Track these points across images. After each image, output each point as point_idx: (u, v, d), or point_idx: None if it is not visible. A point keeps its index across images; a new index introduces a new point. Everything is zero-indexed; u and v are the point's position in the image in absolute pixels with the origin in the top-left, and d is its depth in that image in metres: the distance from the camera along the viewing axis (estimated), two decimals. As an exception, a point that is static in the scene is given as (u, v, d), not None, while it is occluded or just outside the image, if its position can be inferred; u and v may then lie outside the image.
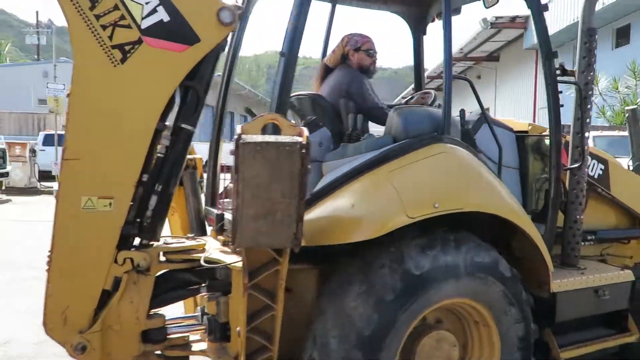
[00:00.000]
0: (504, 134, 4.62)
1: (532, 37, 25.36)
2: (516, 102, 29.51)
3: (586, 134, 4.41)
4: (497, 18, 26.11)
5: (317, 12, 5.03)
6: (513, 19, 26.12)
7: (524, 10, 19.45)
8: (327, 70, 4.50)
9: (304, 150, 2.85)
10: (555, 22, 22.66)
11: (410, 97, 5.00)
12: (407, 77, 45.96)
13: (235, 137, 2.81)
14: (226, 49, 4.27)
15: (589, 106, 4.42)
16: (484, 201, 3.59)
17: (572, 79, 4.40)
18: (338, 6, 5.00)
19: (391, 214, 3.29)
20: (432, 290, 3.29)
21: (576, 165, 4.38)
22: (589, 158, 4.74)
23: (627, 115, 5.56)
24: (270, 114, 3.06)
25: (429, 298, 3.32)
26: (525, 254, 3.97)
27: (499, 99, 31.98)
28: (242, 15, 4.18)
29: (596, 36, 4.37)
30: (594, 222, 4.90)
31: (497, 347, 3.62)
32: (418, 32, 5.28)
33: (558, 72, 4.28)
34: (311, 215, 3.46)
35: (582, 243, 4.68)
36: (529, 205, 4.57)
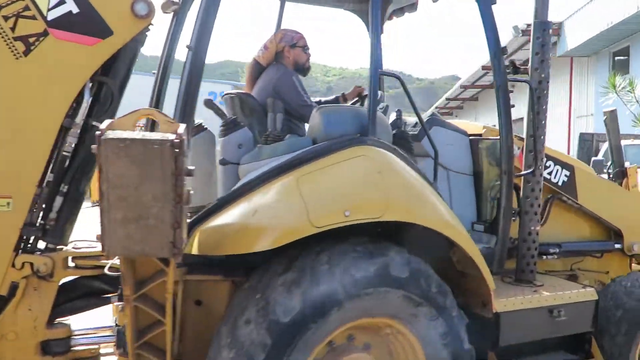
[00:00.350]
0: (457, 138, 4.30)
1: (565, 44, 24.64)
2: (551, 111, 28.62)
3: (541, 137, 4.03)
4: (528, 25, 25.31)
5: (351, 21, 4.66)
6: (546, 25, 25.35)
7: (557, 17, 18.67)
8: (259, 69, 4.21)
9: (177, 149, 2.58)
10: (588, 27, 21.94)
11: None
12: (443, 87, 45.50)
13: (97, 132, 2.56)
14: (164, 45, 4.05)
15: (544, 107, 4.05)
16: (407, 210, 3.25)
17: (524, 77, 4.05)
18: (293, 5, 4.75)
19: (294, 222, 2.98)
20: (309, 332, 2.89)
21: (529, 171, 4.02)
22: (552, 164, 4.39)
23: (605, 117, 5.15)
24: (146, 109, 2.80)
25: (309, 341, 2.92)
26: (465, 269, 3.63)
27: (533, 108, 31.15)
28: (177, 11, 3.96)
29: (550, 30, 4.02)
30: (559, 233, 4.53)
31: (419, 350, 3.25)
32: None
33: (508, 70, 3.93)
34: (215, 222, 3.21)
35: (544, 257, 4.32)
36: (484, 214, 4.23)
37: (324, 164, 3.20)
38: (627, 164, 5.14)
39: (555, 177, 4.41)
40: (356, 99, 4.59)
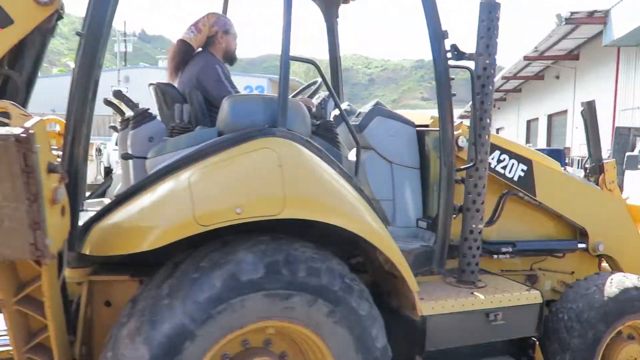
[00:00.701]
0: (402, 129, 4.04)
1: (612, 33, 23.75)
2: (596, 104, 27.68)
3: (485, 128, 3.74)
4: (572, 13, 24.61)
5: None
6: (591, 13, 24.52)
7: (603, 4, 17.92)
8: (189, 52, 3.95)
9: (27, 145, 2.42)
10: (637, 15, 21.00)
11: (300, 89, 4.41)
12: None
13: None
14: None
15: (488, 95, 3.75)
16: (310, 206, 3.00)
17: (469, 63, 3.75)
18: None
19: (177, 221, 2.78)
20: None
21: (470, 164, 3.74)
22: (507, 157, 4.10)
23: (582, 109, 4.79)
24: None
25: None
26: (392, 270, 3.38)
27: (578, 101, 30.20)
28: None
29: (498, 13, 3.69)
30: (517, 231, 4.26)
31: (313, 336, 2.98)
32: (330, 16, 4.73)
33: (449, 55, 3.64)
34: (108, 220, 3.02)
35: (494, 256, 4.05)
36: (430, 210, 3.97)
37: (223, 158, 2.98)
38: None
39: (510, 172, 4.11)
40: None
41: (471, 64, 3.74)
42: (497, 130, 50.33)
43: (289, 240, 2.98)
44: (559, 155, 22.90)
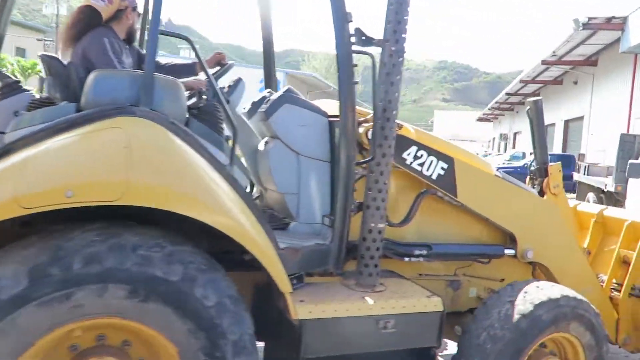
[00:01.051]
0: (312, 119, 3.73)
1: (629, 40, 23.12)
2: (610, 110, 27.10)
3: (389, 120, 3.43)
4: (590, 18, 24.04)
5: None
6: (609, 19, 23.91)
7: (621, 11, 17.36)
8: (96, 20, 3.58)
9: None
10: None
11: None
12: (511, 82, 44.16)
13: None
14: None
15: (393, 85, 3.44)
16: (157, 194, 2.67)
17: (376, 50, 3.45)
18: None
19: None
20: None
21: (368, 158, 3.43)
22: (425, 154, 3.77)
23: (528, 108, 4.44)
24: None
25: None
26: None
27: (595, 107, 29.56)
28: None
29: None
30: (439, 233, 3.96)
31: (129, 324, 2.65)
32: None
33: (353, 39, 3.34)
34: None
35: (406, 259, 3.75)
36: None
37: (68, 136, 2.69)
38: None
39: (428, 170, 3.78)
40: (218, 67, 4.03)
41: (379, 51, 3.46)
42: (515, 134, 49.67)
43: (65, 231, 2.62)
44: (569, 160, 22.46)
